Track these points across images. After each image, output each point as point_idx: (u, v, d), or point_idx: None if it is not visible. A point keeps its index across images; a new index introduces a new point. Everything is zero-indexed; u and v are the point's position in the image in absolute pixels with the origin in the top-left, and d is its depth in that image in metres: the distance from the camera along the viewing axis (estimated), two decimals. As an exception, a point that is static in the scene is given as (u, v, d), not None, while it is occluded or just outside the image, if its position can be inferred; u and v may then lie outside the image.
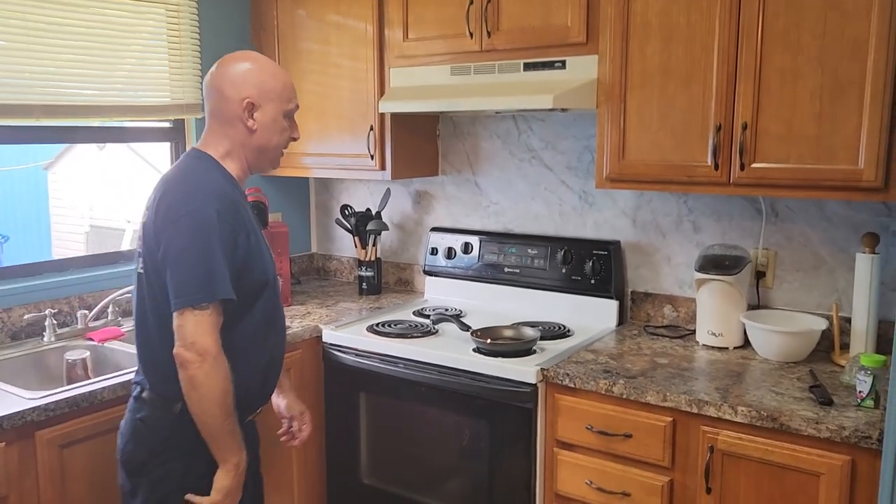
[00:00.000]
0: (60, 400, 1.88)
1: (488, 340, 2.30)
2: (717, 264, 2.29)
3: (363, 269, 3.09)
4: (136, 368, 1.79)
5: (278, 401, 1.99)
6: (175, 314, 1.56)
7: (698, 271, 2.29)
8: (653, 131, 2.19)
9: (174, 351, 1.57)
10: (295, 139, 1.80)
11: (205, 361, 1.55)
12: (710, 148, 2.10)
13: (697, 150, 2.12)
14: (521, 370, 2.13)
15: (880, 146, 1.86)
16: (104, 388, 1.98)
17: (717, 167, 2.09)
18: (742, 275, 2.26)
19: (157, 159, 4.32)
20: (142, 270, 1.67)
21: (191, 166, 1.70)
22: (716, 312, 2.30)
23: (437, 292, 2.98)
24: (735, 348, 2.30)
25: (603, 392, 2.02)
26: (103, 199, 6.60)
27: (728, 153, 2.07)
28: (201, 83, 2.88)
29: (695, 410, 1.88)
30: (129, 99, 2.66)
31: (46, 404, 1.85)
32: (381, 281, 3.15)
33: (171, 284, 1.57)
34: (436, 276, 2.98)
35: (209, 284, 1.55)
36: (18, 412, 1.79)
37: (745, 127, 2.03)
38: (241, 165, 1.74)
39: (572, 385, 2.07)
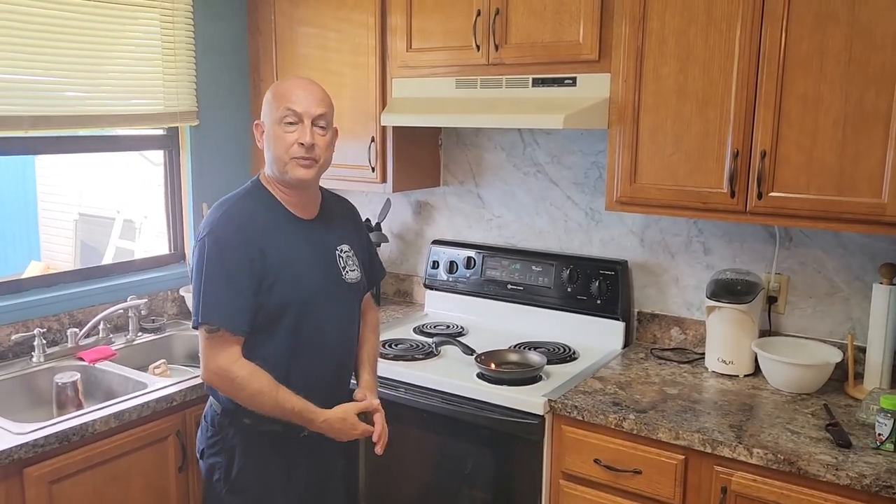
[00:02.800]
0: (50, 435, 1.80)
1: (493, 366, 2.24)
2: (729, 290, 2.23)
3: (362, 281, 3.01)
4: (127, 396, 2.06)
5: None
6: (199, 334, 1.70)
7: (710, 298, 2.23)
8: (666, 155, 2.12)
9: (200, 378, 1.74)
10: (302, 144, 1.72)
11: (223, 379, 1.67)
12: (726, 174, 2.03)
13: (713, 176, 2.06)
14: (528, 401, 2.07)
15: (905, 180, 1.80)
16: (96, 419, 1.90)
17: (733, 195, 2.02)
18: (755, 302, 2.20)
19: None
20: None
21: (234, 193, 1.79)
22: (727, 340, 2.24)
23: (438, 307, 2.91)
24: (745, 376, 2.24)
25: (613, 426, 1.96)
26: (92, 187, 6.50)
27: (745, 181, 2.01)
28: (196, 89, 2.82)
29: (708, 450, 1.82)
30: (120, 107, 2.56)
31: (35, 440, 1.77)
32: (379, 293, 3.07)
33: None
34: (436, 290, 2.91)
35: (201, 309, 1.65)
36: (5, 450, 1.72)
37: (763, 155, 1.96)
38: (277, 184, 1.79)
39: (580, 418, 2.01)
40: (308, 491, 1.86)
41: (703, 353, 2.35)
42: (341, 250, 1.87)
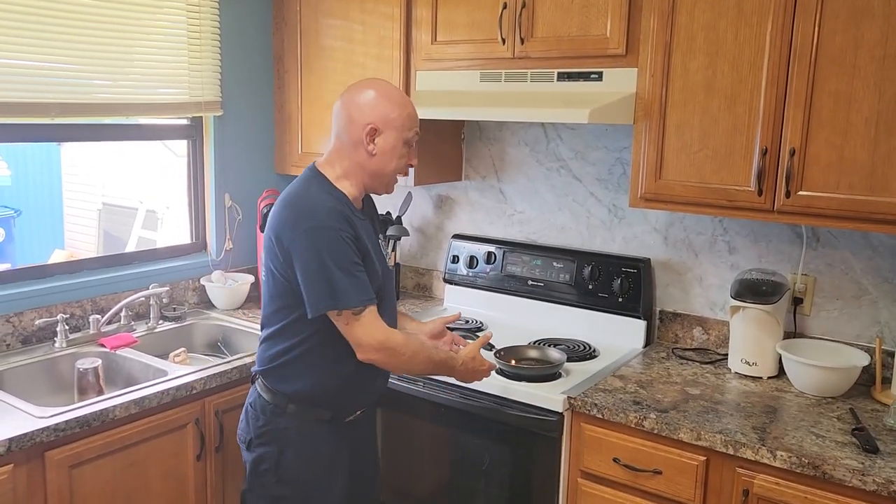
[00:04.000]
0: (71, 419, 1.81)
1: (512, 362, 2.22)
2: (753, 290, 2.19)
3: (382, 274, 3.00)
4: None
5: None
6: (338, 323, 1.72)
7: (734, 298, 2.20)
8: (693, 151, 2.09)
9: (358, 358, 1.73)
10: (412, 165, 1.87)
11: (385, 351, 1.72)
12: (753, 172, 1.99)
13: (740, 173, 2.02)
14: (547, 397, 2.05)
15: (939, 180, 1.75)
16: (116, 405, 1.91)
17: (760, 193, 1.99)
18: (780, 303, 2.17)
19: (172, 140, 4.20)
20: (263, 277, 1.84)
21: (306, 189, 1.79)
22: (750, 341, 2.21)
23: (457, 301, 2.90)
24: (769, 378, 2.21)
25: (633, 425, 1.93)
26: (116, 177, 6.56)
27: (773, 179, 1.97)
28: (220, 79, 2.83)
29: (731, 451, 1.79)
30: (146, 96, 2.57)
31: (56, 424, 1.78)
32: (399, 286, 3.07)
33: (305, 295, 1.71)
34: (456, 284, 2.90)
35: (340, 296, 1.68)
36: (28, 433, 1.73)
37: (792, 153, 1.93)
38: (358, 186, 1.83)
39: (600, 416, 1.98)
40: (351, 476, 1.90)
41: (726, 354, 2.32)
42: (381, 239, 1.95)
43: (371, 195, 2.00)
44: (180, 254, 2.83)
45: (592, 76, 2.24)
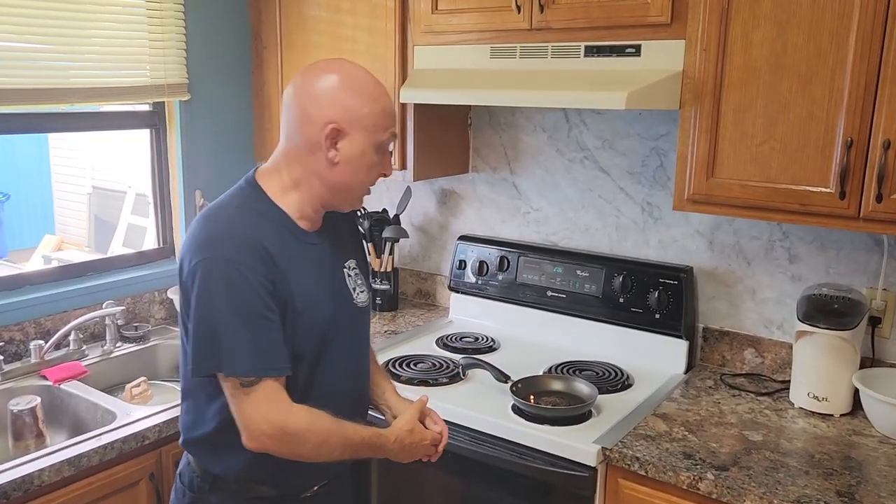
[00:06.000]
0: (-18, 492, 1.46)
1: (532, 399, 1.85)
2: (825, 311, 1.81)
3: (378, 280, 2.63)
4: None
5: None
6: (225, 391, 1.30)
7: (803, 321, 1.81)
8: (755, 143, 1.69)
9: (245, 445, 1.29)
10: (385, 175, 1.42)
11: (279, 440, 1.28)
12: (834, 170, 1.60)
13: (816, 171, 1.63)
14: (577, 448, 1.68)
15: None
16: (44, 468, 1.55)
17: (843, 196, 1.60)
18: (859, 327, 1.78)
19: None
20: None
21: (227, 203, 1.38)
22: (821, 371, 1.83)
23: (464, 313, 2.52)
24: (842, 416, 1.83)
25: (685, 487, 1.56)
26: (105, 159, 6.25)
27: (860, 179, 1.58)
28: (186, 58, 2.44)
29: (812, 528, 1.43)
30: (99, 80, 2.18)
31: (-39, 501, 1.43)
32: (398, 294, 2.69)
33: (189, 346, 1.33)
34: (463, 293, 2.52)
35: (225, 358, 1.27)
36: (-78, 517, 1.38)
37: (886, 145, 1.53)
38: (313, 202, 1.39)
39: (643, 472, 1.61)
40: None
41: (785, 382, 1.95)
42: (348, 268, 1.49)
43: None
44: (144, 261, 2.46)
45: (628, 50, 1.84)
